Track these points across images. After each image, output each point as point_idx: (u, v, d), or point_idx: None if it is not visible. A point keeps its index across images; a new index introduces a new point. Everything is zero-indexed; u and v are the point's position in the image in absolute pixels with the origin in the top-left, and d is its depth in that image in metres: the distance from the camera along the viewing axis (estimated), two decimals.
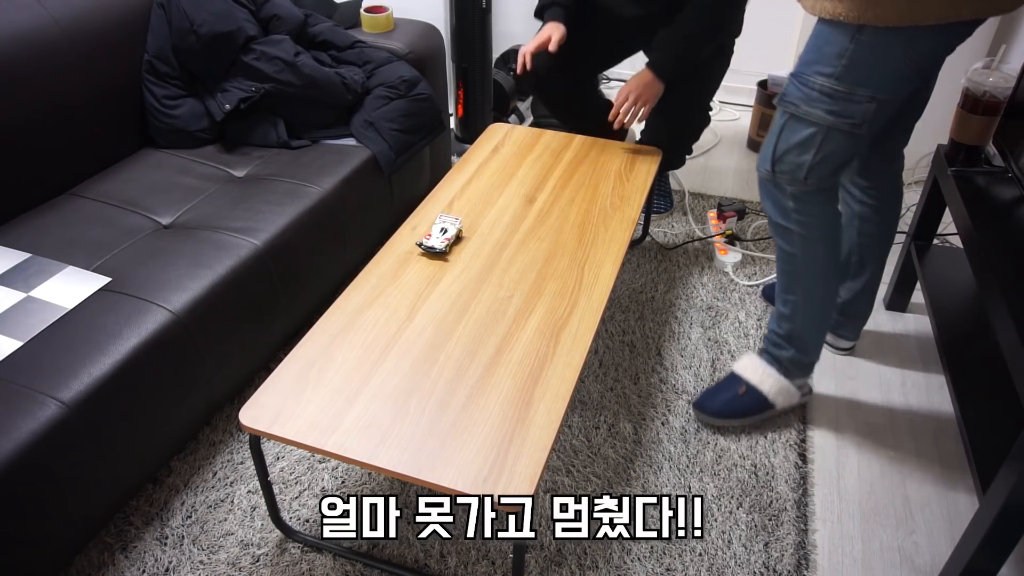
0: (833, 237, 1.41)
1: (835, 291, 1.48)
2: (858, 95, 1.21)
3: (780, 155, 1.32)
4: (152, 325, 1.31)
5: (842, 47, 1.19)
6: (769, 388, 1.55)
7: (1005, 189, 1.49)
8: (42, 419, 1.13)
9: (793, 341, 1.51)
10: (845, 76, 1.20)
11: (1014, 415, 1.35)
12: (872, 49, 1.17)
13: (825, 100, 1.23)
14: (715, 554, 1.34)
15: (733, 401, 1.57)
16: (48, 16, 1.59)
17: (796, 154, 1.30)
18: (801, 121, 1.27)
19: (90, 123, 1.70)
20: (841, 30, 1.18)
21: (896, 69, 1.19)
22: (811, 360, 1.56)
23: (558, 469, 1.49)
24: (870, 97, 1.21)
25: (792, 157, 1.31)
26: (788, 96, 1.28)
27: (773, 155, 1.33)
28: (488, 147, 1.88)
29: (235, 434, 1.56)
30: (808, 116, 1.26)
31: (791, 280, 1.46)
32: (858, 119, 1.23)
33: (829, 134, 1.25)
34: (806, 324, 1.49)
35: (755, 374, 1.57)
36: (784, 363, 1.55)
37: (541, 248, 1.50)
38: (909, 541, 1.38)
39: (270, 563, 1.32)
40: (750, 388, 1.56)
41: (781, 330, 1.52)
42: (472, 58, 2.35)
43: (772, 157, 1.34)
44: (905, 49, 1.17)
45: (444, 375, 1.21)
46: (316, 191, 1.69)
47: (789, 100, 1.28)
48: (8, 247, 1.46)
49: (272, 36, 1.87)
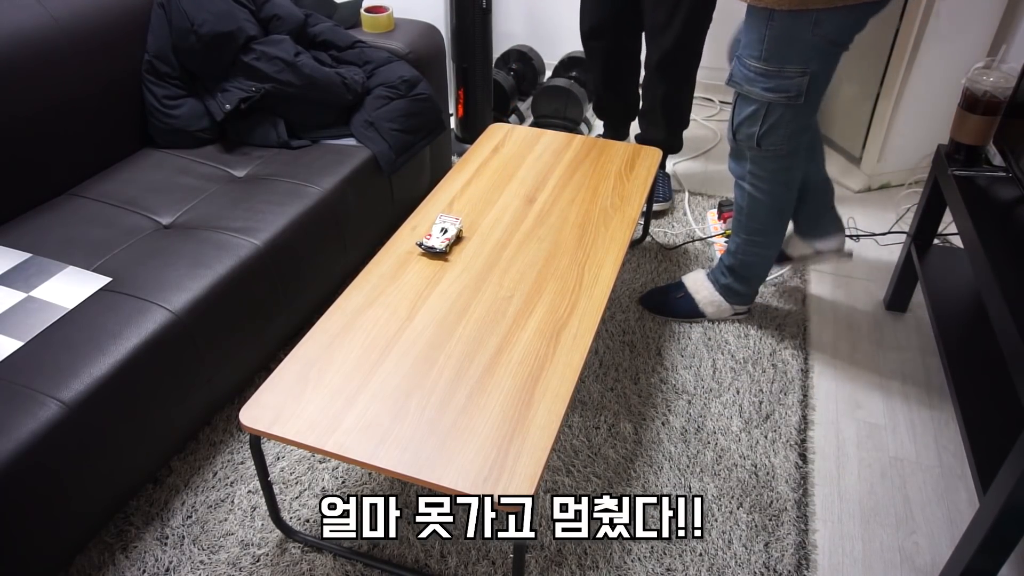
0: (780, 205, 1.59)
1: (775, 246, 1.68)
2: (788, 71, 1.35)
3: (737, 127, 1.51)
4: (152, 325, 1.31)
5: (760, 32, 1.33)
6: (702, 299, 1.81)
7: (1005, 189, 1.49)
8: (42, 419, 1.13)
9: (732, 273, 1.76)
10: (770, 57, 1.35)
11: (1014, 415, 1.35)
12: (785, 31, 1.30)
13: (761, 79, 1.38)
14: (715, 554, 1.34)
15: (671, 302, 1.85)
16: (48, 16, 1.59)
17: (747, 126, 1.47)
18: (746, 98, 1.44)
19: (90, 123, 1.70)
20: (758, 16, 1.32)
21: (812, 46, 1.30)
22: (746, 293, 1.79)
23: (558, 469, 1.49)
24: (801, 71, 1.34)
25: (745, 128, 1.48)
26: (734, 77, 1.44)
27: (732, 127, 1.54)
28: (488, 147, 1.88)
29: (235, 434, 1.56)
30: (750, 94, 1.41)
31: (737, 226, 1.69)
32: (794, 92, 1.36)
33: (771, 108, 1.40)
34: (746, 263, 1.72)
35: (694, 285, 1.83)
36: (723, 287, 1.80)
37: (541, 248, 1.50)
38: (909, 541, 1.38)
39: (270, 563, 1.32)
40: (687, 295, 1.83)
41: (725, 261, 1.77)
42: (472, 58, 2.35)
43: (732, 128, 1.54)
44: (813, 30, 1.28)
45: (444, 375, 1.21)
46: (316, 191, 1.69)
47: (735, 80, 1.44)
48: (8, 247, 1.46)
49: (272, 36, 1.87)
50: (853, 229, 2.23)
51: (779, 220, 1.63)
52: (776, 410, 1.62)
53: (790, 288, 1.98)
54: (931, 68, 2.14)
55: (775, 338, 1.81)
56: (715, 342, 1.80)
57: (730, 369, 1.72)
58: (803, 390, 1.67)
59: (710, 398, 1.65)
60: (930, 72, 2.15)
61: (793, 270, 2.03)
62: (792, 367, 1.73)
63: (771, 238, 1.66)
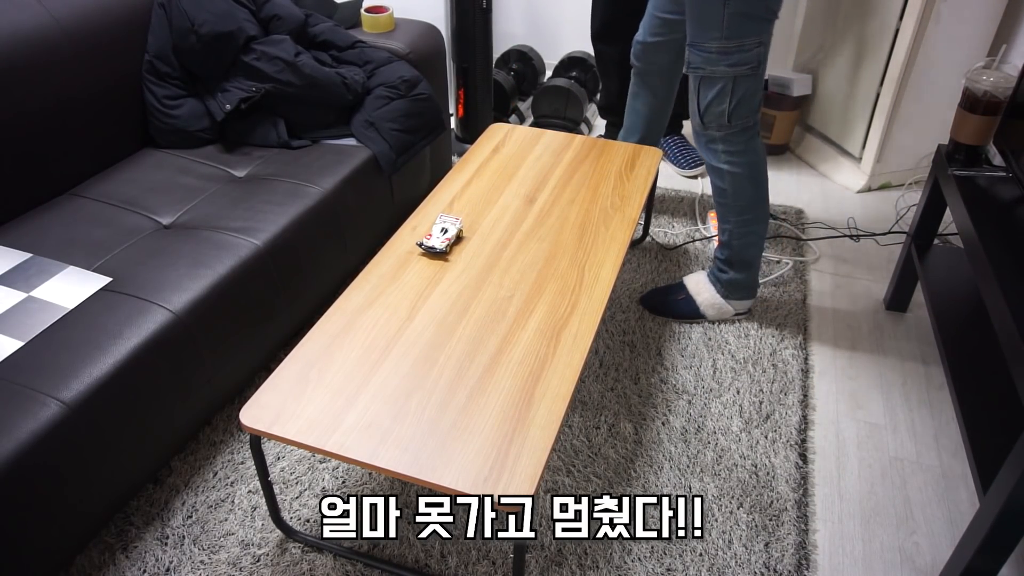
0: (757, 174, 1.66)
1: (765, 219, 1.72)
2: (747, 44, 1.47)
3: (704, 110, 1.58)
4: (152, 325, 1.31)
5: (718, 15, 1.45)
6: (703, 301, 1.83)
7: (1005, 189, 1.49)
8: (43, 419, 1.13)
9: (733, 264, 1.77)
10: (731, 35, 1.47)
11: (1014, 415, 1.35)
12: (741, 8, 1.43)
13: (723, 57, 1.49)
14: (715, 554, 1.34)
15: (671, 302, 1.87)
16: (48, 16, 1.59)
17: (716, 105, 1.56)
18: (710, 79, 1.53)
19: (90, 123, 1.70)
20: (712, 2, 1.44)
21: (762, 15, 1.46)
22: (749, 282, 1.80)
23: (558, 469, 1.49)
24: (757, 43, 1.48)
25: (714, 108, 1.57)
26: (693, 64, 1.55)
27: (699, 112, 1.60)
28: (488, 147, 1.88)
29: (236, 434, 1.57)
30: (715, 74, 1.52)
31: (726, 211, 1.72)
32: (754, 62, 1.50)
33: (737, 81, 1.51)
34: (742, 248, 1.75)
35: (696, 287, 1.85)
36: (724, 284, 1.81)
37: (541, 248, 1.50)
38: (910, 541, 1.38)
39: (270, 563, 1.32)
40: (688, 297, 1.85)
41: (722, 256, 1.79)
42: (472, 58, 2.35)
43: (699, 114, 1.60)
44: (765, 5, 1.45)
45: (444, 375, 1.21)
46: (316, 191, 1.69)
47: (696, 66, 1.54)
48: (9, 247, 1.46)
49: (272, 36, 1.87)
50: (853, 229, 2.23)
51: (762, 189, 1.69)
52: (776, 410, 1.62)
53: (790, 288, 1.98)
54: (931, 68, 2.14)
55: (775, 338, 1.81)
56: (715, 342, 1.80)
57: (730, 369, 1.72)
58: (803, 390, 1.67)
59: (710, 398, 1.65)
60: (930, 72, 2.15)
61: (793, 269, 2.03)
62: (792, 367, 1.73)
63: (759, 211, 1.70)
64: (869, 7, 2.23)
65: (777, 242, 2.16)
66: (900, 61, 2.14)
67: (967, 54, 2.14)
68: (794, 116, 2.55)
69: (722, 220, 1.74)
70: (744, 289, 1.81)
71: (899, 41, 2.14)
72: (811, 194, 2.40)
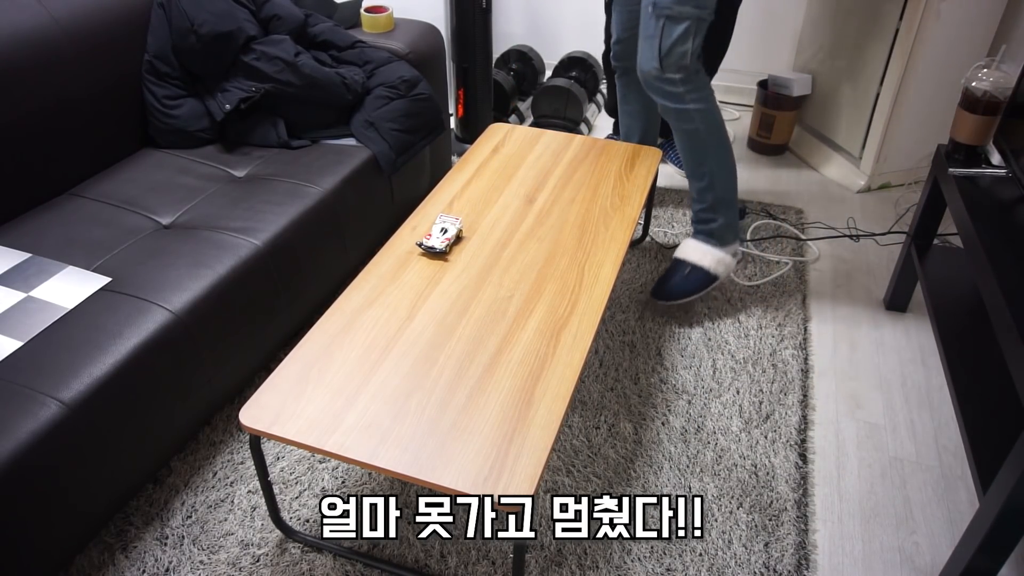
0: (718, 109, 1.70)
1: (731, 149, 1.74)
2: None
3: (666, 52, 1.62)
4: (152, 325, 1.31)
5: None
6: (709, 263, 1.81)
7: (1005, 189, 1.49)
8: (42, 419, 1.13)
9: (718, 208, 1.77)
10: None
11: (1014, 415, 1.35)
12: None
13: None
14: (715, 554, 1.34)
15: (682, 282, 1.83)
16: (48, 16, 1.59)
17: (679, 45, 1.60)
18: (675, 19, 1.58)
19: (90, 123, 1.70)
20: None
21: None
22: (734, 220, 1.80)
23: (558, 469, 1.49)
24: None
25: (677, 48, 1.61)
26: (661, 4, 1.59)
27: (660, 54, 1.63)
28: (488, 147, 1.88)
29: (235, 434, 1.57)
30: (682, 14, 1.57)
31: (701, 154, 1.73)
32: (710, 8, 1.58)
33: (699, 24, 1.59)
34: (725, 186, 1.75)
35: (695, 254, 1.82)
36: (716, 233, 1.80)
37: (541, 248, 1.50)
38: (909, 541, 1.38)
39: (270, 563, 1.32)
40: (693, 267, 1.82)
41: (705, 203, 1.78)
42: (472, 58, 2.35)
43: (659, 56, 1.63)
44: None
45: (444, 375, 1.21)
46: (316, 191, 1.69)
47: (663, 7, 1.59)
48: (8, 247, 1.46)
49: (272, 36, 1.87)
50: (853, 229, 2.23)
51: (723, 123, 1.74)
52: (776, 410, 1.62)
53: (790, 288, 1.98)
54: (931, 68, 2.14)
55: (775, 338, 1.81)
56: (715, 342, 1.80)
57: (730, 369, 1.72)
58: (803, 390, 1.67)
59: (710, 398, 1.65)
60: (930, 72, 2.15)
61: (793, 269, 2.03)
62: (792, 367, 1.73)
63: (727, 143, 1.74)
64: (869, 7, 2.23)
65: (777, 242, 2.16)
66: (900, 61, 2.14)
67: (967, 54, 2.14)
68: (794, 116, 2.55)
69: (697, 166, 1.75)
70: (732, 230, 1.81)
71: (899, 41, 2.14)
72: (811, 194, 2.40)
